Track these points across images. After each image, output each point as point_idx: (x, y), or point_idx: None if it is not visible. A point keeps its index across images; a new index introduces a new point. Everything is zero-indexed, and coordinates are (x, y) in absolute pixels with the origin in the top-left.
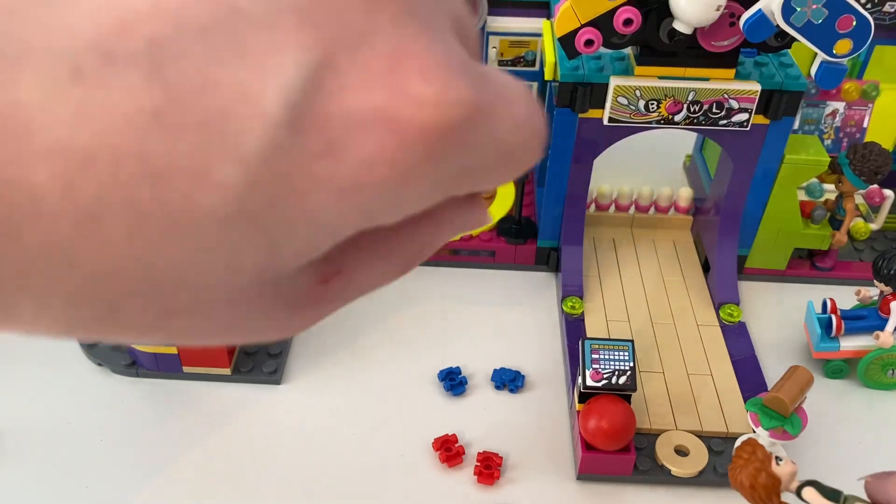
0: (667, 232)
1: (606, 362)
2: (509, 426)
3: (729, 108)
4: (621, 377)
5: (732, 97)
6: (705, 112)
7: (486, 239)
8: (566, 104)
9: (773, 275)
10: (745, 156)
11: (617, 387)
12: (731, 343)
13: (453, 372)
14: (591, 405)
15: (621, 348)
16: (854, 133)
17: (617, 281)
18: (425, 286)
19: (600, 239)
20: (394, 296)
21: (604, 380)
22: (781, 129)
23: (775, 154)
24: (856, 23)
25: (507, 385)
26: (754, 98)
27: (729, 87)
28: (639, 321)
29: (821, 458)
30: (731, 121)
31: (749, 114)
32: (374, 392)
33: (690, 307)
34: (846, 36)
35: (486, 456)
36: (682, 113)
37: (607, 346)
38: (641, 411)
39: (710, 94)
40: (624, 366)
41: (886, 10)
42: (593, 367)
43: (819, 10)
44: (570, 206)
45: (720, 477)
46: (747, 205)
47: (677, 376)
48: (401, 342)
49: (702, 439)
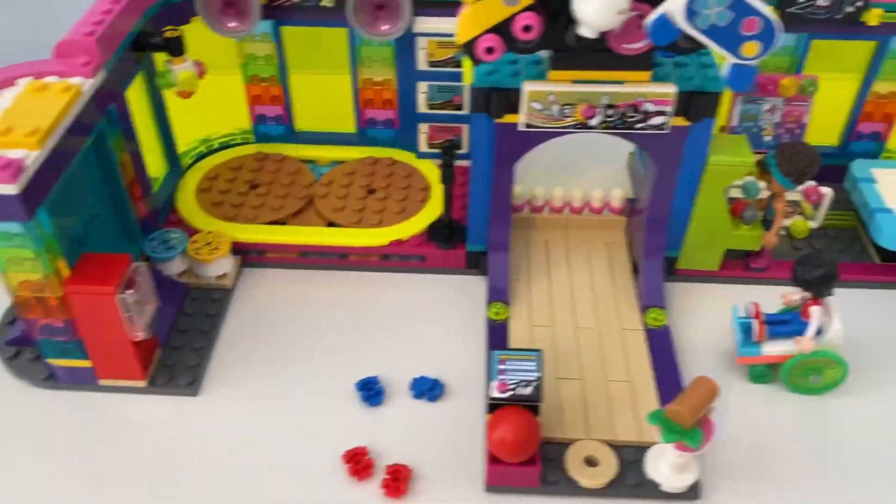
0: (601, 233)
1: (513, 373)
2: (424, 437)
3: (645, 111)
4: (527, 388)
5: (648, 100)
6: (621, 115)
7: (416, 244)
8: (482, 110)
9: (707, 276)
10: (667, 158)
11: (522, 398)
12: (654, 348)
13: (370, 382)
14: (496, 416)
15: (529, 358)
16: (795, 129)
17: (546, 285)
18: (353, 293)
19: (534, 241)
20: (320, 304)
21: (509, 391)
22: (702, 131)
23: (698, 156)
24: (761, 25)
25: (426, 394)
26: (670, 100)
27: (644, 90)
28: (563, 326)
29: (745, 462)
30: (649, 124)
31: (666, 116)
32: (290, 403)
33: (616, 311)
34: (753, 38)
35: (395, 469)
36: (597, 117)
37: (515, 357)
38: (556, 420)
39: (625, 97)
40: (530, 376)
41: (820, 3)
42: (500, 378)
43: (723, 13)
44: (495, 209)
45: (630, 488)
46: (675, 207)
47: (595, 383)
48: (323, 352)
49: (615, 448)
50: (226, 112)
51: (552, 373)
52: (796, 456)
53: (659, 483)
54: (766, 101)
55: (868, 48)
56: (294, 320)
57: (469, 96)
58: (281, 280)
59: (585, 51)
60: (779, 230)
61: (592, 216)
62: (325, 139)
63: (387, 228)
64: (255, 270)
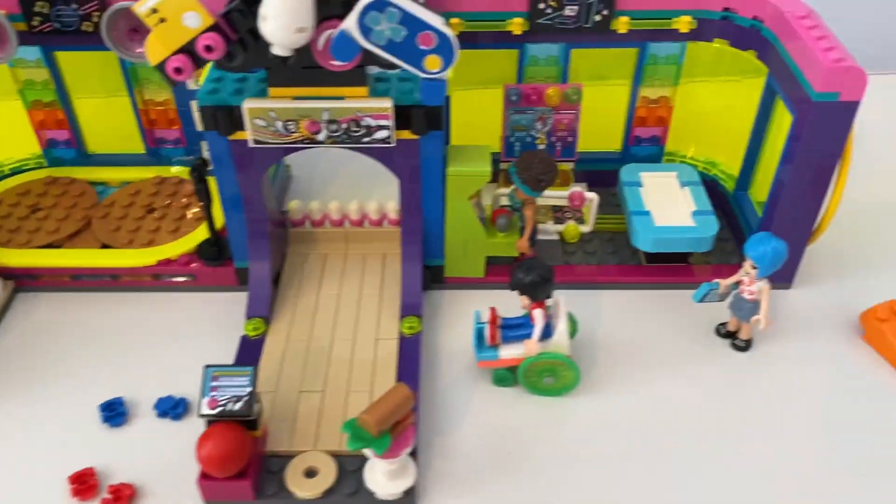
0: (379, 245)
1: (225, 389)
2: (158, 456)
3: (367, 126)
4: (237, 403)
5: (367, 115)
6: (346, 130)
7: (185, 262)
8: (211, 127)
9: (475, 283)
10: (405, 171)
11: (232, 413)
12: (404, 356)
13: (115, 403)
14: (206, 433)
15: (242, 374)
16: (567, 136)
17: (314, 298)
18: (123, 315)
19: (313, 255)
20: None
21: (220, 407)
22: (433, 143)
23: (434, 167)
24: (437, 39)
25: (169, 413)
26: (388, 114)
27: (361, 106)
28: (319, 339)
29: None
30: (374, 138)
31: (389, 130)
32: (30, 426)
33: (377, 321)
34: (432, 52)
35: (117, 488)
36: (323, 132)
37: (228, 374)
38: (287, 433)
39: (344, 112)
40: (242, 392)
41: (567, 13)
42: (211, 394)
43: (396, 29)
44: (250, 225)
45: (347, 497)
46: (429, 217)
47: (337, 394)
48: (77, 375)
49: (339, 458)
50: (13, 138)
51: (296, 386)
52: (525, 457)
53: (374, 491)
54: (535, 111)
55: (630, 55)
56: (58, 344)
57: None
58: (54, 304)
59: (296, 68)
60: (530, 236)
61: (372, 228)
62: (117, 161)
63: (157, 248)
64: (30, 295)
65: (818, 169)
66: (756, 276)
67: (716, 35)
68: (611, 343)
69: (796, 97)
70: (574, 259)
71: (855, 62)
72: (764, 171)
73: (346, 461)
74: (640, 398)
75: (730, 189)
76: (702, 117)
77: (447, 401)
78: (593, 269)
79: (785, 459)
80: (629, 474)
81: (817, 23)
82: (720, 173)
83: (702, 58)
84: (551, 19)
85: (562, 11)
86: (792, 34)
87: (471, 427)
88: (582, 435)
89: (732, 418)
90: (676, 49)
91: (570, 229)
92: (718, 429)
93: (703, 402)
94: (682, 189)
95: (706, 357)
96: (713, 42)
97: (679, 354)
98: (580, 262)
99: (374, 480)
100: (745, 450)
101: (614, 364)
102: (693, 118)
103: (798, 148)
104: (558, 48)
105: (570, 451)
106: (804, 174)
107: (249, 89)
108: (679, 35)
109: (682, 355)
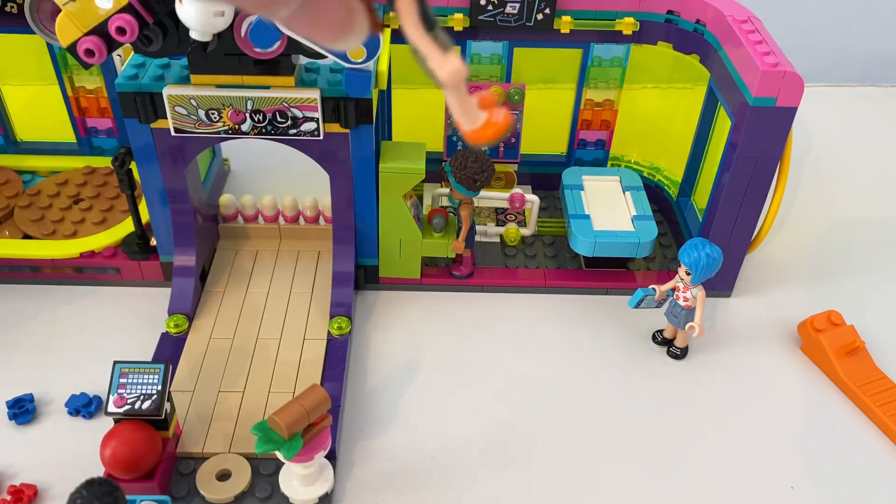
0: (314, 242)
1: (134, 387)
2: (65, 455)
3: (294, 117)
4: (146, 402)
5: (293, 105)
6: (271, 121)
7: (110, 255)
8: (132, 115)
9: (411, 284)
10: (334, 166)
11: (140, 412)
12: (331, 357)
13: (23, 400)
14: (110, 432)
15: (152, 371)
16: (509, 137)
17: (241, 296)
18: (43, 308)
19: (244, 251)
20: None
21: (127, 405)
22: (363, 137)
23: (366, 163)
24: None
25: (80, 411)
26: (316, 106)
27: (287, 95)
28: (244, 338)
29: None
30: (301, 130)
31: (316, 122)
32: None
33: (306, 321)
34: None
35: (17, 489)
36: (246, 122)
37: (138, 370)
38: (201, 434)
39: (270, 102)
40: (151, 390)
41: (508, 11)
42: (119, 392)
43: None
44: (175, 218)
45: (260, 502)
46: (361, 215)
47: (257, 396)
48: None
49: (254, 462)
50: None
51: (215, 386)
52: (448, 462)
53: (288, 496)
54: None
55: (575, 56)
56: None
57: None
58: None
59: (219, 55)
60: (467, 237)
61: (308, 225)
62: (47, 149)
63: (80, 240)
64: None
65: (756, 175)
66: (690, 283)
67: (659, 38)
68: (547, 348)
69: (735, 102)
70: (514, 262)
71: (792, 67)
72: (706, 177)
73: (260, 464)
74: (572, 405)
75: (674, 195)
76: (645, 122)
77: (373, 404)
78: (533, 273)
79: (715, 470)
80: (554, 478)
81: (756, 27)
82: (664, 179)
83: (646, 61)
84: (492, 16)
85: (503, 9)
86: (732, 38)
87: (396, 431)
88: (509, 440)
89: (664, 427)
90: (621, 51)
91: (511, 232)
92: (649, 437)
93: (635, 411)
94: (624, 194)
95: (641, 365)
96: (657, 45)
97: (614, 362)
98: (520, 265)
99: (288, 486)
100: (675, 458)
101: (547, 369)
102: (637, 123)
103: (736, 154)
104: (501, 46)
105: (497, 457)
106: (742, 181)
107: (172, 76)
108: (622, 37)
109: (618, 363)
